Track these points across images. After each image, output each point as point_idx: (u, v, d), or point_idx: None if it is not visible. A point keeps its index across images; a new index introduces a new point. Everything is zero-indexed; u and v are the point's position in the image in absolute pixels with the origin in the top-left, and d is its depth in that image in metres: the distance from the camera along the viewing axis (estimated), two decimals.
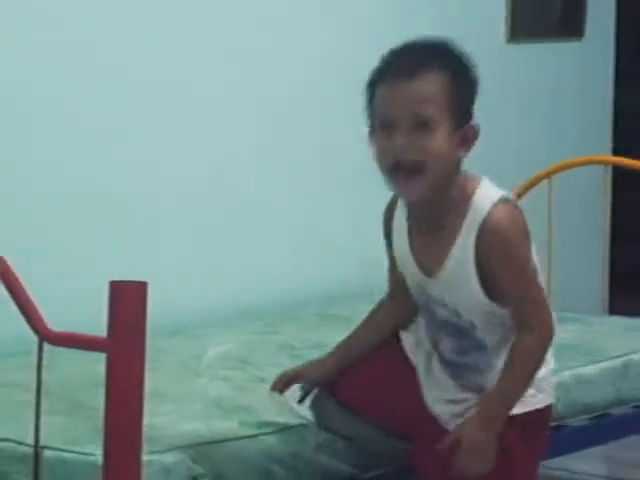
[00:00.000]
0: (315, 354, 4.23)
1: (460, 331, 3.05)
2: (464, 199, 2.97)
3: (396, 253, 3.18)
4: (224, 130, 5.04)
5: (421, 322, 3.23)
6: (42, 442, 3.18)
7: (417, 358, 3.28)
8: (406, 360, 3.31)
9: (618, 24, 6.22)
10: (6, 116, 4.36)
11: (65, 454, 3.23)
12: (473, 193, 2.98)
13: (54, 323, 3.24)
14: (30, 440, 3.19)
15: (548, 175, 5.34)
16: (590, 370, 4.28)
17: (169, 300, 3.59)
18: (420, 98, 2.83)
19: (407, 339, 3.32)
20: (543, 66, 5.93)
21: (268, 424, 3.53)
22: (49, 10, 4.52)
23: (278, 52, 5.25)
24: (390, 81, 2.88)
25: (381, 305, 3.38)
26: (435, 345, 3.16)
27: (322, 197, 5.22)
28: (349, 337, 3.41)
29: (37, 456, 3.19)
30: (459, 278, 2.96)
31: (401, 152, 2.87)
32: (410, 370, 3.28)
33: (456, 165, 2.96)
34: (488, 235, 2.92)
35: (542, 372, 3.13)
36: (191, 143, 4.91)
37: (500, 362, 3.06)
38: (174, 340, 4.02)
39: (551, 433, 4.02)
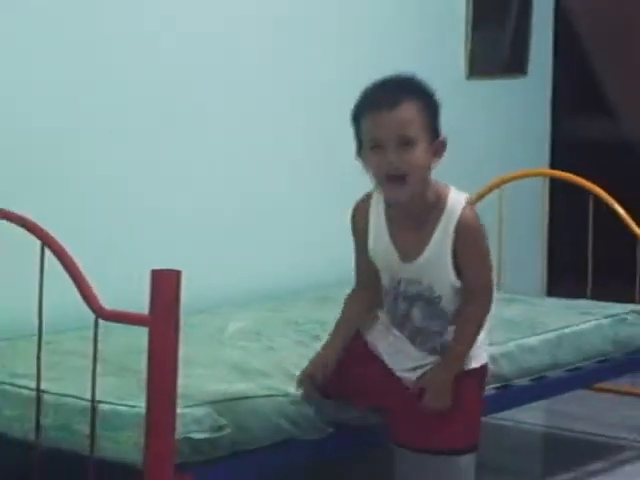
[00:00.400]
0: (314, 328, 4.28)
1: (430, 302, 3.17)
2: (440, 202, 3.11)
3: (372, 245, 3.22)
4: (242, 133, 4.95)
5: (390, 306, 3.26)
6: (98, 398, 3.18)
7: (385, 341, 3.32)
8: (369, 351, 3.34)
9: (555, 63, 6.23)
10: (60, 123, 4.26)
11: (116, 407, 3.21)
12: (446, 197, 3.11)
13: (106, 302, 3.21)
14: (88, 396, 3.19)
15: (499, 185, 5.35)
16: (532, 341, 4.28)
17: (198, 284, 3.57)
18: (403, 123, 2.99)
19: (370, 331, 3.35)
20: (496, 98, 5.97)
21: (275, 383, 3.53)
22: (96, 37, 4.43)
23: (280, 54, 5.15)
24: (376, 111, 3.02)
25: (354, 297, 3.39)
26: (407, 316, 3.22)
27: (321, 202, 5.19)
28: (337, 331, 3.40)
29: (94, 409, 3.19)
30: (437, 261, 3.10)
31: (390, 166, 3.00)
32: (374, 357, 3.32)
33: (430, 171, 3.10)
34: (464, 231, 3.08)
35: (482, 338, 3.28)
36: (215, 149, 4.82)
37: (452, 328, 3.20)
38: (202, 317, 4.00)
39: (501, 391, 4.04)
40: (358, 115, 3.10)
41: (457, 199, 3.14)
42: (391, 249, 3.15)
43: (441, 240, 3.10)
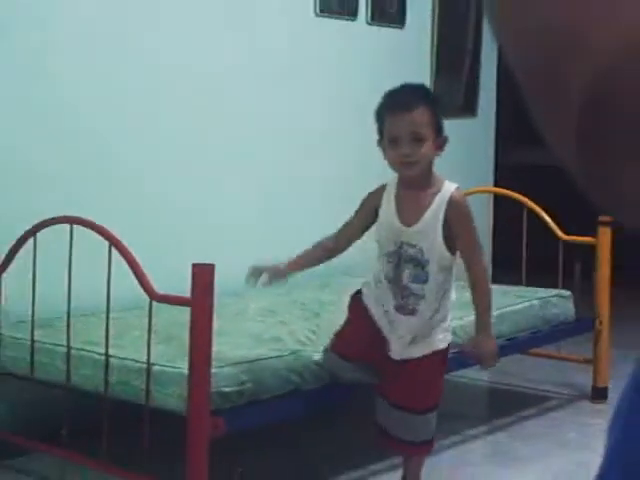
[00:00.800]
0: (315, 307, 4.27)
1: (419, 264, 3.15)
2: (437, 184, 3.18)
3: (382, 218, 3.22)
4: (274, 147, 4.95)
5: (387, 269, 3.22)
6: (151, 361, 3.21)
7: (378, 312, 3.27)
8: (371, 319, 3.28)
9: (498, 106, 6.21)
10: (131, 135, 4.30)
11: (165, 368, 3.23)
12: (442, 184, 3.18)
13: (157, 288, 3.24)
14: (144, 359, 3.22)
15: None
16: None
17: (227, 273, 3.54)
18: (416, 123, 3.07)
19: (368, 299, 3.30)
20: (454, 134, 5.83)
21: (287, 349, 3.53)
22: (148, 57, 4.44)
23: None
24: (394, 112, 3.10)
25: (326, 241, 3.38)
26: (399, 276, 3.18)
27: (324, 209, 5.15)
28: (300, 256, 3.41)
29: (148, 369, 3.21)
30: (430, 228, 3.12)
31: (405, 157, 3.07)
32: (375, 327, 3.27)
33: (433, 160, 3.17)
34: (454, 204, 3.15)
35: (447, 325, 3.32)
36: (241, 169, 4.77)
37: (431, 296, 3.19)
38: (229, 298, 3.99)
39: (457, 355, 4.02)
40: (380, 114, 3.17)
41: (449, 185, 3.20)
42: (396, 219, 3.17)
43: (435, 211, 3.12)
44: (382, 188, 3.27)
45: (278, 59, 4.84)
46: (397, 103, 3.14)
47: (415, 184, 3.18)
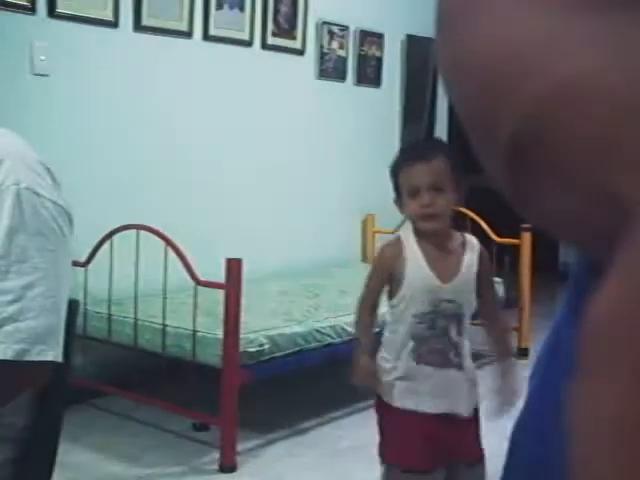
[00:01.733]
0: (317, 290, 4.22)
1: (460, 320, 2.19)
2: (456, 235, 2.25)
3: (412, 274, 2.17)
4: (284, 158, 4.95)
5: (427, 325, 2.18)
6: (196, 329, 3.20)
7: (425, 384, 2.18)
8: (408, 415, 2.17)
9: (449, 141, 6.19)
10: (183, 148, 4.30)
11: (206, 334, 3.22)
12: (463, 233, 2.29)
13: (200, 276, 3.23)
14: (191, 328, 3.20)
15: None
16: None
17: (252, 263, 3.55)
18: (436, 173, 2.14)
19: (393, 397, 2.18)
20: None
21: (295, 320, 3.52)
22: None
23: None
24: (413, 163, 2.18)
25: (366, 308, 2.27)
26: (445, 332, 2.18)
27: (329, 215, 5.16)
28: (364, 336, 2.25)
29: (194, 335, 3.20)
30: (468, 283, 2.19)
31: (426, 206, 2.14)
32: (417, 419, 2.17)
33: (454, 211, 2.25)
34: (485, 258, 2.25)
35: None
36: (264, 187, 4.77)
37: (467, 346, 2.25)
38: (253, 284, 3.97)
39: None
40: (396, 169, 2.28)
41: (469, 235, 2.33)
42: (430, 274, 2.16)
43: (470, 265, 2.21)
44: (398, 242, 2.24)
45: (289, 113, 4.83)
46: (415, 154, 2.26)
47: (438, 237, 2.23)
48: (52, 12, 3.59)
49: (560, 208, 0.37)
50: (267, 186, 4.70)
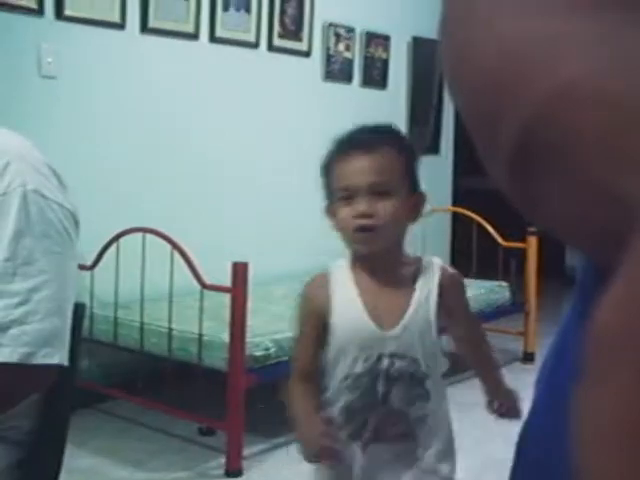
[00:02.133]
0: None
1: (415, 382, 1.53)
2: (413, 261, 1.59)
3: (338, 320, 1.54)
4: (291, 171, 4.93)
5: (363, 391, 1.53)
6: (202, 332, 3.19)
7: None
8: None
9: (455, 147, 6.20)
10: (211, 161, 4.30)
11: (212, 338, 3.21)
12: (419, 258, 1.61)
13: (206, 280, 3.23)
14: (197, 331, 3.20)
15: (424, 215, 5.29)
16: None
17: (257, 268, 3.54)
18: (378, 169, 1.50)
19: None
20: (423, 167, 5.88)
21: None
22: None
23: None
24: (348, 156, 1.52)
25: (308, 380, 1.61)
26: (385, 400, 1.52)
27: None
28: (312, 411, 1.58)
29: (200, 338, 3.19)
30: (422, 322, 1.52)
31: (361, 216, 1.50)
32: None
33: (406, 228, 1.58)
34: (450, 279, 1.58)
35: None
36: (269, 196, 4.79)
37: (439, 410, 1.59)
38: (258, 287, 3.96)
39: None
40: (328, 164, 1.58)
41: (430, 258, 1.62)
42: (364, 318, 1.51)
43: (422, 301, 1.53)
44: (324, 277, 1.61)
45: (296, 115, 4.84)
46: (352, 143, 1.54)
47: (381, 263, 1.55)
48: (59, 14, 3.60)
49: (564, 211, 0.37)
50: (273, 189, 4.70)
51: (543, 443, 0.50)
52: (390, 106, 5.53)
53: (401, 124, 5.63)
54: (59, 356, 1.26)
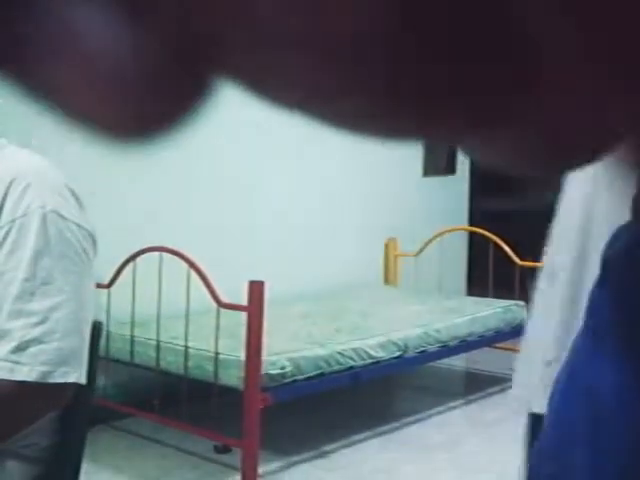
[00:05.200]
0: (336, 312, 4.22)
1: None
2: None
3: None
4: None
5: None
6: (218, 350, 3.20)
7: None
8: None
9: (470, 167, 6.20)
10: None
11: (228, 356, 3.22)
12: None
13: (223, 298, 3.24)
14: (213, 349, 3.21)
15: (442, 234, 5.29)
16: (460, 320, 4.22)
17: (274, 287, 3.56)
18: None
19: None
20: (440, 186, 5.91)
21: (317, 342, 3.51)
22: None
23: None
24: None
25: None
26: None
27: (349, 239, 5.15)
28: None
29: (216, 357, 3.20)
30: None
31: None
32: None
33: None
34: None
35: None
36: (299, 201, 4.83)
37: None
38: (275, 306, 3.98)
39: (441, 348, 4.01)
40: None
41: None
42: None
43: None
44: None
45: (314, 136, 4.86)
46: None
47: None
48: None
49: None
50: (289, 208, 4.72)
51: (555, 462, 0.50)
52: None
53: (417, 145, 5.63)
54: (77, 375, 1.28)
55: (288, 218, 4.72)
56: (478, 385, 4.67)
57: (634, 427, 0.46)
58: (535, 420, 1.52)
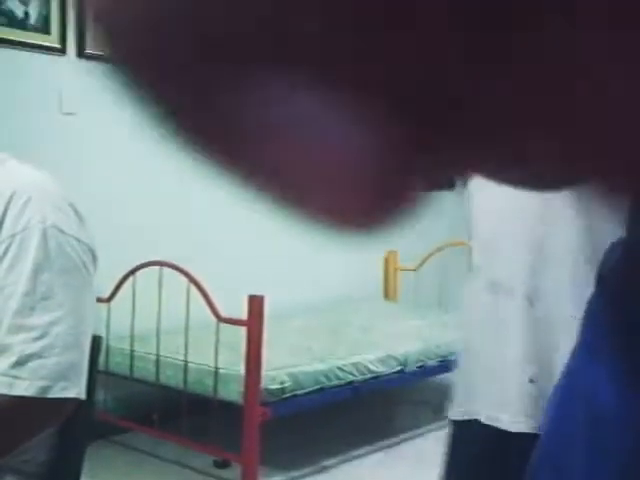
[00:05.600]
0: (337, 326, 4.21)
1: None
2: None
3: None
4: None
5: None
6: (218, 365, 3.20)
7: None
8: None
9: None
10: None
11: (228, 371, 3.21)
12: None
13: (222, 312, 3.24)
14: (213, 364, 3.21)
15: (442, 248, 5.28)
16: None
17: (273, 301, 3.55)
18: None
19: None
20: (440, 201, 5.87)
21: (317, 357, 3.51)
22: None
23: None
24: None
25: None
26: None
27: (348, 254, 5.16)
28: None
29: (216, 371, 3.19)
30: None
31: None
32: None
33: None
34: None
35: None
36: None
37: None
38: (274, 320, 3.97)
39: (442, 363, 4.00)
40: None
41: None
42: None
43: None
44: None
45: None
46: None
47: None
48: (81, 53, 3.67)
49: None
50: (288, 222, 4.72)
51: (554, 474, 0.51)
52: None
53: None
54: (76, 390, 1.28)
55: (287, 232, 4.72)
56: None
57: (632, 435, 0.46)
58: (456, 427, 1.52)
